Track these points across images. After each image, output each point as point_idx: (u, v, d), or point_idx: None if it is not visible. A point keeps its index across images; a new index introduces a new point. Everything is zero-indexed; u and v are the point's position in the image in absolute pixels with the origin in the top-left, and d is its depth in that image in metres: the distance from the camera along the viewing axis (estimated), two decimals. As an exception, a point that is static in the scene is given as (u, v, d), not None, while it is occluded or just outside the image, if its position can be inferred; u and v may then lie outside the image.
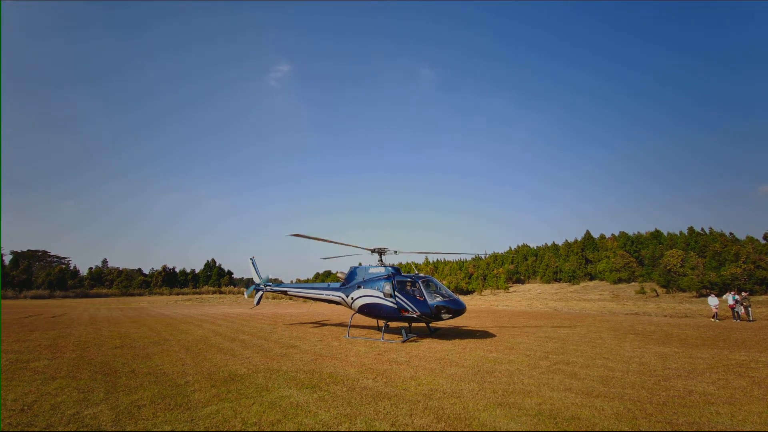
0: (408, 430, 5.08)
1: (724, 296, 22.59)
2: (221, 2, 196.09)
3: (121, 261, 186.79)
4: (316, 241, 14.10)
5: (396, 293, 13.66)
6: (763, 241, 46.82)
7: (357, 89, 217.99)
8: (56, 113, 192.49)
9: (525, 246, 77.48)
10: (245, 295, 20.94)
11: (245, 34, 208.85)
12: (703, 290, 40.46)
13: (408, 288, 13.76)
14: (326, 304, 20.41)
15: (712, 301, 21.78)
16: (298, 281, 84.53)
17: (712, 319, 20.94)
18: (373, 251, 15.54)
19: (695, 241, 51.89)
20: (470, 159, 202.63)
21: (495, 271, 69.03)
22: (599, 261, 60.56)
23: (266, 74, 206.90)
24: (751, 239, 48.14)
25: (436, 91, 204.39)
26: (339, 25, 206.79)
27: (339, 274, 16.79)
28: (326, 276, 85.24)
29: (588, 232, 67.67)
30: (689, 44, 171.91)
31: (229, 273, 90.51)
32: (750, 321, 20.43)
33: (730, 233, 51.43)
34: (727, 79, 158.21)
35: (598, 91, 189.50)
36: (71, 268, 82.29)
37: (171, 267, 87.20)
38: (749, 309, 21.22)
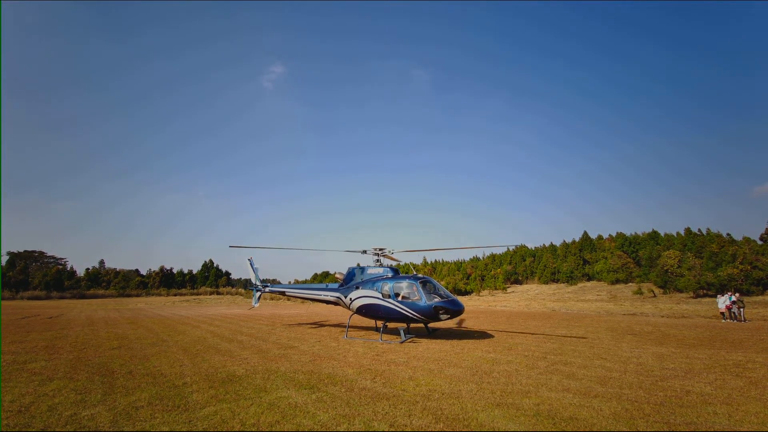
0: (406, 430, 5.09)
1: (718, 297, 22.65)
2: (213, 3, 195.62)
3: (118, 262, 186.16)
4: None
5: (394, 294, 13.67)
6: (760, 242, 47.04)
7: (352, 89, 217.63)
8: (54, 114, 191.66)
9: (523, 247, 77.63)
10: (254, 304, 20.09)
11: (238, 36, 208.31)
12: (700, 290, 40.63)
13: (406, 288, 13.77)
14: (324, 304, 20.39)
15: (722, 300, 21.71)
16: (296, 282, 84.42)
17: (723, 321, 21.01)
18: (364, 252, 15.54)
19: (692, 242, 52.09)
20: (469, 159, 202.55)
21: (493, 272, 69.11)
22: (597, 262, 60.71)
23: (260, 76, 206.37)
24: (747, 240, 48.32)
25: (432, 92, 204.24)
26: (333, 26, 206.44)
27: (337, 275, 16.79)
28: (324, 277, 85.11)
29: (586, 233, 67.88)
30: (689, 44, 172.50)
31: (227, 274, 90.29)
32: (743, 321, 20.53)
33: (727, 234, 51.63)
34: (726, 79, 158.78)
35: (597, 90, 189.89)
36: (68, 268, 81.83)
37: (168, 268, 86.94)
38: (742, 310, 21.34)
